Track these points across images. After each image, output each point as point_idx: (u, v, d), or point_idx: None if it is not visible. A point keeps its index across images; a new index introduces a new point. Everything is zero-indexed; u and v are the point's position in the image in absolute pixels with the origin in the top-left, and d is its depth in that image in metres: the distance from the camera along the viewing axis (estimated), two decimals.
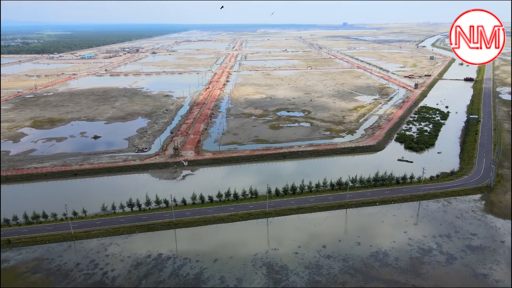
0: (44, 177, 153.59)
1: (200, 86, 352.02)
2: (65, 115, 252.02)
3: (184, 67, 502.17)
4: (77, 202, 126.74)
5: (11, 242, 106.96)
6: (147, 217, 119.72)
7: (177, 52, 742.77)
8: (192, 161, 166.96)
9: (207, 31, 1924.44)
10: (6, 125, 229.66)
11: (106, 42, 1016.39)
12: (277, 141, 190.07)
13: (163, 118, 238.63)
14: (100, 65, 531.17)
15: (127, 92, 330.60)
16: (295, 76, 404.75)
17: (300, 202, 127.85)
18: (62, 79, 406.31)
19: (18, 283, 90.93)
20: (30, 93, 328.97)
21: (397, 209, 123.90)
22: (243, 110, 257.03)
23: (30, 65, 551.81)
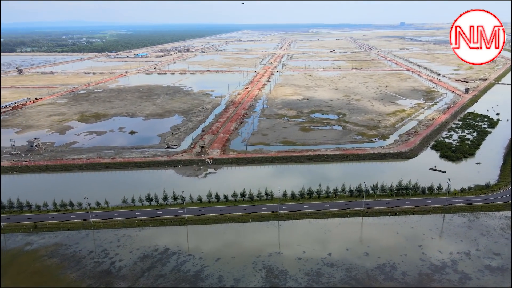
0: (79, 168, 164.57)
1: (240, 85, 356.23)
2: (109, 110, 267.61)
3: (228, 66, 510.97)
4: (102, 193, 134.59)
5: (37, 226, 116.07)
6: (162, 212, 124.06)
7: (225, 51, 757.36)
8: (216, 159, 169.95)
9: (258, 31, 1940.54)
10: (57, 118, 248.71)
11: (160, 42, 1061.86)
12: (305, 144, 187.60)
13: (198, 116, 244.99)
14: (150, 63, 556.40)
15: (170, 90, 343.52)
16: (337, 78, 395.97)
17: (314, 207, 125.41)
18: (113, 77, 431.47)
19: (35, 265, 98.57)
20: (83, 89, 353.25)
21: (416, 221, 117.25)
22: (277, 111, 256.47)
23: (89, 63, 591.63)
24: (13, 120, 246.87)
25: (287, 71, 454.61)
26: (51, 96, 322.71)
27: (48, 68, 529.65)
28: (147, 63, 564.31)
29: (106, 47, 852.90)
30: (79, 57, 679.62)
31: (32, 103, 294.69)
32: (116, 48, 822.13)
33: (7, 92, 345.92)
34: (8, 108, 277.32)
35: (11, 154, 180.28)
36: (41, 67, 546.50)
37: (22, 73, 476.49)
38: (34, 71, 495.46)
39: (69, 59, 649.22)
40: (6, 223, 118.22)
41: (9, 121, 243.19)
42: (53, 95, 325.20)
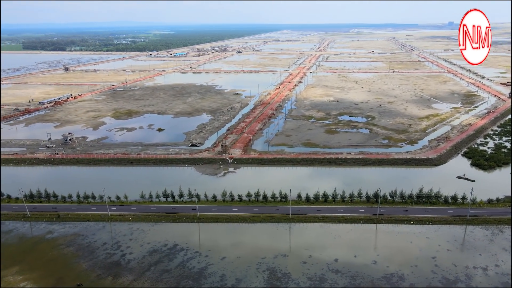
0: (106, 163, 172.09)
1: (271, 86, 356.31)
2: (142, 107, 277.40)
3: (263, 66, 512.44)
4: (123, 187, 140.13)
5: (60, 216, 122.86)
6: (176, 208, 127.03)
7: (261, 51, 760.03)
8: (237, 159, 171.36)
9: (298, 31, 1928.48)
10: (93, 114, 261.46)
11: (200, 41, 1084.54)
12: (328, 146, 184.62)
13: (225, 116, 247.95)
14: (187, 62, 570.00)
15: (202, 89, 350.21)
16: (372, 79, 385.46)
17: (327, 211, 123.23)
18: (151, 75, 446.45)
19: (52, 253, 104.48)
20: (121, 87, 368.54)
21: (433, 231, 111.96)
22: (305, 112, 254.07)
23: (131, 62, 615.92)
24: (53, 115, 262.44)
25: (320, 72, 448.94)
26: (91, 93, 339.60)
27: (92, 66, 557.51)
28: (184, 62, 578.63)
29: (147, 46, 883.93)
30: (121, 56, 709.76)
31: (73, 99, 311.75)
32: (157, 48, 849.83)
33: (52, 88, 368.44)
34: (51, 103, 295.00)
35: (47, 147, 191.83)
36: (86, 65, 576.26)
37: (68, 71, 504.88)
38: (79, 69, 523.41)
39: (113, 58, 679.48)
40: (33, 211, 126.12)
41: (50, 116, 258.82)
42: (92, 92, 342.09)
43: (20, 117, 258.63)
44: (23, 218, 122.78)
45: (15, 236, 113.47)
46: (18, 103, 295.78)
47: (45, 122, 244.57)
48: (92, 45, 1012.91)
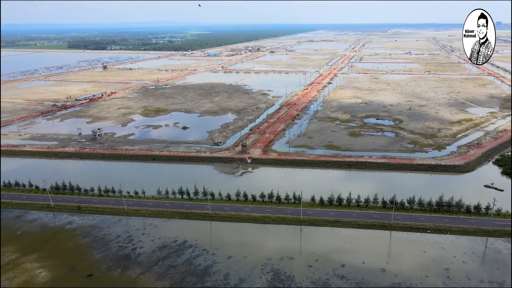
0: (130, 158, 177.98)
1: (300, 86, 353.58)
2: (170, 105, 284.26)
3: (294, 67, 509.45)
4: (142, 183, 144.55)
5: (80, 208, 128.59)
6: (189, 206, 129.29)
7: (294, 51, 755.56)
8: (255, 159, 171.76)
9: (335, 31, 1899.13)
10: (123, 111, 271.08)
11: (234, 41, 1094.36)
12: (349, 149, 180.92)
13: (250, 116, 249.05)
14: (219, 62, 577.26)
15: (230, 88, 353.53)
16: (405, 81, 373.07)
17: (340, 215, 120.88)
18: (182, 74, 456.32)
19: (69, 243, 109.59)
20: (153, 85, 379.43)
21: (450, 241, 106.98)
22: (330, 113, 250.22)
23: (165, 61, 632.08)
24: (87, 111, 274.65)
25: (352, 73, 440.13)
26: (124, 90, 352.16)
27: (129, 65, 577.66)
28: (216, 61, 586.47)
29: (183, 46, 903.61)
30: (157, 55, 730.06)
31: (106, 97, 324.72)
32: (191, 47, 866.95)
33: (89, 86, 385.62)
34: (86, 100, 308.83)
35: (78, 142, 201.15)
36: (123, 63, 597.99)
37: (106, 69, 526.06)
38: (116, 67, 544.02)
39: (149, 57, 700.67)
40: (57, 202, 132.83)
41: (84, 112, 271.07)
42: (126, 90, 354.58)
43: (57, 112, 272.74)
44: (47, 209, 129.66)
45: (38, 225, 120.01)
46: (56, 99, 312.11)
47: (79, 117, 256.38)
48: (131, 45, 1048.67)
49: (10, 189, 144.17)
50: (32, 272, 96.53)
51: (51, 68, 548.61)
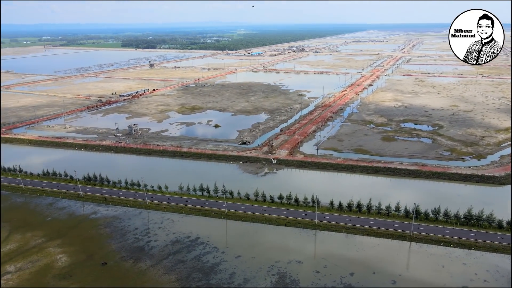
0: (160, 154, 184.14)
1: (338, 88, 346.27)
2: (206, 104, 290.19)
3: (336, 68, 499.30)
4: (167, 178, 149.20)
5: (106, 199, 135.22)
6: (208, 203, 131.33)
7: (339, 52, 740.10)
8: (281, 160, 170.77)
9: (385, 31, 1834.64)
10: (161, 108, 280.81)
11: (280, 41, 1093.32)
12: (379, 154, 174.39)
13: (282, 116, 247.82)
14: (261, 61, 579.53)
15: (268, 88, 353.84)
16: (452, 85, 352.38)
17: (358, 221, 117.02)
18: (223, 73, 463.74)
19: (91, 232, 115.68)
20: (193, 83, 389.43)
21: (474, 257, 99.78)
22: (366, 116, 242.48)
23: (210, 60, 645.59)
24: (128, 107, 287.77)
25: (396, 75, 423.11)
26: (165, 88, 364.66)
27: (174, 63, 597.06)
28: (258, 61, 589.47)
29: (228, 45, 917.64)
30: (202, 54, 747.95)
31: (148, 94, 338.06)
32: (236, 47, 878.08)
33: (135, 83, 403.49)
34: (129, 96, 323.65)
35: (115, 136, 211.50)
36: (169, 62, 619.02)
37: (152, 67, 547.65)
38: (162, 66, 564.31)
39: (194, 56, 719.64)
40: (86, 192, 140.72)
41: (125, 108, 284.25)
42: (167, 88, 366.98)
43: (101, 107, 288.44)
44: (77, 198, 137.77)
45: (66, 213, 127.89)
46: (102, 95, 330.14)
47: (120, 113, 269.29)
48: (179, 44, 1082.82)
49: (47, 178, 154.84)
50: (54, 256, 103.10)
51: (103, 66, 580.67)
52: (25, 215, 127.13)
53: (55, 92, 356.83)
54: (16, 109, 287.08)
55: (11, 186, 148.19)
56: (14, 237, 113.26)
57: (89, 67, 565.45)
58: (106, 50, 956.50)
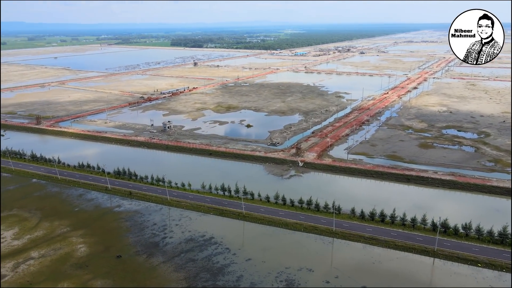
0: (189, 151, 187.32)
1: (380, 90, 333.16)
2: (242, 103, 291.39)
3: (380, 69, 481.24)
4: (192, 175, 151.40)
5: (131, 194, 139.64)
6: (227, 203, 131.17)
7: (386, 53, 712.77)
8: (308, 163, 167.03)
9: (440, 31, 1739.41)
10: (198, 106, 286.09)
11: (326, 41, 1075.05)
12: (413, 162, 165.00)
13: (316, 118, 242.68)
14: (304, 62, 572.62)
15: (306, 89, 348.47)
16: (508, 90, 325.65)
17: (378, 232, 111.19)
18: (264, 73, 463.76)
19: (112, 224, 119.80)
20: (232, 83, 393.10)
21: (504, 280, 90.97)
22: (405, 121, 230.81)
23: (253, 59, 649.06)
24: (167, 104, 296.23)
25: (446, 78, 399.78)
26: (205, 86, 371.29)
27: (218, 62, 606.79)
28: (301, 61, 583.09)
29: (273, 45, 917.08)
30: (246, 54, 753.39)
31: (188, 92, 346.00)
32: (281, 46, 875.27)
33: (177, 80, 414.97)
34: (169, 94, 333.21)
35: (149, 132, 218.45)
36: (212, 61, 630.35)
37: (196, 66, 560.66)
38: (205, 64, 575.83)
39: (238, 55, 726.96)
40: (114, 186, 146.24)
41: (164, 105, 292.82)
42: (207, 86, 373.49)
43: (142, 104, 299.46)
44: (105, 191, 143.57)
45: (93, 205, 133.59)
46: (145, 92, 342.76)
47: (158, 110, 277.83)
48: (226, 43, 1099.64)
49: (81, 170, 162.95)
50: (75, 246, 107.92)
51: (150, 64, 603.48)
52: (56, 204, 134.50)
53: (103, 88, 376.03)
54: (66, 103, 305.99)
55: (49, 176, 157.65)
56: (43, 224, 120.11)
57: (137, 64, 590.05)
58: (156, 48, 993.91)
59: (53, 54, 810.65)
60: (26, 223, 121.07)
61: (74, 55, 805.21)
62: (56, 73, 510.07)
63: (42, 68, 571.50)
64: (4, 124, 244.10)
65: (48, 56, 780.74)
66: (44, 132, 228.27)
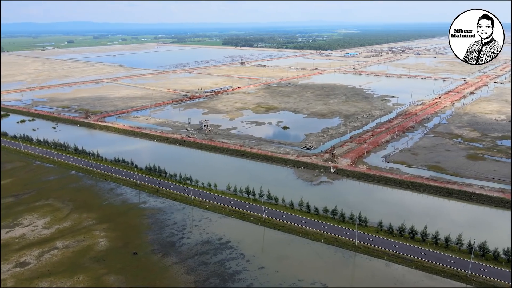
0: (221, 151, 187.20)
1: (431, 95, 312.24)
2: (282, 104, 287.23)
3: (435, 72, 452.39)
4: (219, 175, 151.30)
5: (158, 191, 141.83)
6: (249, 207, 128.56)
7: (445, 54, 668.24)
8: (340, 169, 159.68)
9: None
10: (238, 105, 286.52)
11: (380, 41, 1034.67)
12: (458, 174, 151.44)
13: (357, 122, 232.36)
14: (353, 63, 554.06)
15: (350, 91, 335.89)
16: None
17: (405, 249, 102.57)
18: (310, 73, 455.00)
19: (135, 221, 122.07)
20: (276, 83, 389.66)
21: None
22: (454, 129, 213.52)
23: (301, 59, 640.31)
24: (208, 102, 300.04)
25: (510, 83, 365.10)
26: (248, 86, 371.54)
27: (265, 62, 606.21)
28: (350, 62, 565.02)
29: (324, 45, 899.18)
30: (295, 54, 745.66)
31: (230, 91, 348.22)
32: (332, 47, 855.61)
33: (222, 79, 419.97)
34: (212, 93, 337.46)
35: (186, 130, 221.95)
36: (260, 60, 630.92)
37: (243, 65, 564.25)
38: (253, 64, 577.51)
39: (286, 55, 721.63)
40: (143, 182, 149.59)
41: (205, 104, 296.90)
42: (250, 86, 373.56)
43: (184, 102, 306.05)
44: (134, 186, 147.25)
45: (121, 200, 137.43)
46: (189, 90, 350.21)
47: (199, 108, 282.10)
48: (276, 43, 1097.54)
49: (116, 165, 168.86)
50: (96, 239, 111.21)
51: (199, 62, 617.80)
52: (88, 197, 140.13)
53: (151, 85, 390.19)
54: (115, 99, 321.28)
55: (86, 169, 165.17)
56: (72, 216, 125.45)
57: (187, 63, 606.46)
58: (208, 47, 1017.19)
59: (113, 52, 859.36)
60: (57, 213, 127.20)
61: (131, 53, 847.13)
62: (112, 70, 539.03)
63: (101, 65, 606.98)
64: (57, 117, 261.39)
65: (108, 53, 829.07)
66: (90, 126, 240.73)
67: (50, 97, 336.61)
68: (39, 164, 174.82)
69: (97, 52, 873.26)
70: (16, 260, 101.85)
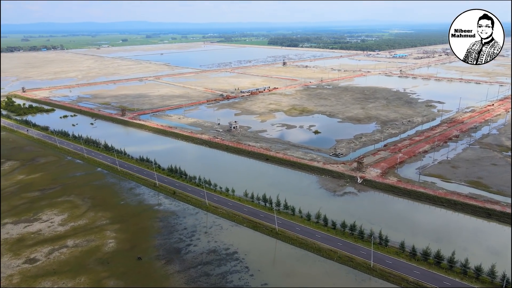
0: (247, 154, 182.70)
1: (484, 101, 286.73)
2: (317, 107, 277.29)
3: (492, 76, 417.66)
4: (239, 180, 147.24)
5: (175, 193, 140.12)
6: (263, 216, 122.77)
7: (507, 57, 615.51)
8: (368, 180, 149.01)
9: None
10: (272, 107, 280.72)
11: (434, 42, 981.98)
12: (502, 193, 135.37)
13: (395, 129, 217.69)
14: (401, 65, 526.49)
15: (393, 95, 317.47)
16: None
17: (428, 277, 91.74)
18: (353, 75, 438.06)
19: (146, 223, 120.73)
20: (315, 85, 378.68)
21: None
22: (505, 141, 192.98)
23: (345, 60, 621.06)
24: (242, 103, 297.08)
25: None
26: (286, 87, 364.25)
27: (308, 62, 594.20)
28: (397, 64, 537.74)
29: (371, 46, 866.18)
30: (340, 54, 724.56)
31: (267, 92, 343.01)
32: (380, 47, 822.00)
33: (261, 80, 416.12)
34: (248, 93, 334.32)
35: (215, 131, 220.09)
36: (303, 61, 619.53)
37: (285, 65, 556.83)
38: (294, 64, 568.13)
39: (331, 56, 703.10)
40: (162, 183, 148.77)
41: (239, 104, 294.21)
42: (288, 87, 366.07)
43: (219, 102, 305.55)
44: (153, 187, 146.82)
45: (137, 200, 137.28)
46: (226, 90, 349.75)
47: (232, 108, 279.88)
48: (323, 43, 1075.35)
49: (140, 164, 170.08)
50: (105, 240, 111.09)
51: (242, 62, 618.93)
52: (107, 195, 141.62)
53: (190, 84, 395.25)
54: (154, 97, 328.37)
55: (111, 167, 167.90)
56: (89, 214, 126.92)
57: (230, 62, 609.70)
58: (253, 47, 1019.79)
59: (161, 51, 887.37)
60: (75, 210, 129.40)
61: (178, 52, 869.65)
62: (156, 68, 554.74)
63: (147, 63, 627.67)
64: (96, 114, 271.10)
65: (157, 52, 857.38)
66: (125, 123, 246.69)
67: (94, 94, 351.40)
68: (70, 159, 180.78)
69: (146, 51, 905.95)
70: (27, 256, 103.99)
